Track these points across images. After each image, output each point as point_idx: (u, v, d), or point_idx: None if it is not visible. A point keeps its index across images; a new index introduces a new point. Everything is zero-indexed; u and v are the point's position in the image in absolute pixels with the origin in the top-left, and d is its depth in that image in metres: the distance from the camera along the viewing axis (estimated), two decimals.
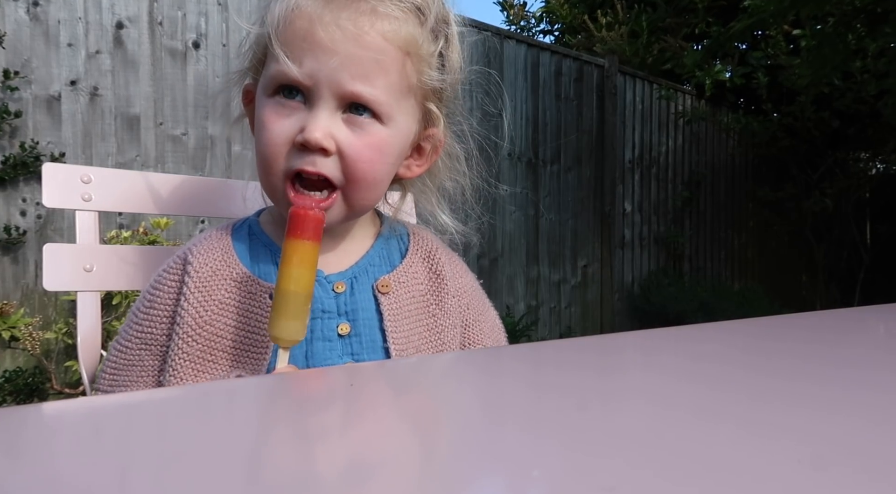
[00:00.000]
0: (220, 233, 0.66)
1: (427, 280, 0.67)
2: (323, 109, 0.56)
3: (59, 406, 0.29)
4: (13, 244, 2.18)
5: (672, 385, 0.28)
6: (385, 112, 0.58)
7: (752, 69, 4.59)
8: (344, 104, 0.57)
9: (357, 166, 0.57)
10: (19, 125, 2.20)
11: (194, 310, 0.60)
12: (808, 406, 0.24)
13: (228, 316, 0.60)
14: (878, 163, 5.72)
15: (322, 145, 0.56)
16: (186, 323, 0.60)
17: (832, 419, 0.22)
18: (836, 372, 0.30)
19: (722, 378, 0.29)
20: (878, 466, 0.18)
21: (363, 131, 0.58)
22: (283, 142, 0.58)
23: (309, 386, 0.33)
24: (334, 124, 0.57)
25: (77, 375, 2.16)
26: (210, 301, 0.61)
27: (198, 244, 0.65)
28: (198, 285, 0.61)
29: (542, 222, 3.81)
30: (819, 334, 0.42)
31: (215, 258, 0.63)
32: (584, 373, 0.32)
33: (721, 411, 0.23)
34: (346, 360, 0.61)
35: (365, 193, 0.60)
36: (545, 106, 3.85)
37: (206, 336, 0.60)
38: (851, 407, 0.24)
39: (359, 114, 0.57)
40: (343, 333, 0.61)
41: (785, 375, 0.29)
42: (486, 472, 0.18)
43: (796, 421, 0.22)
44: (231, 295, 0.61)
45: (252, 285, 0.61)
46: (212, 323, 0.60)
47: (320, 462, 0.20)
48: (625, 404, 0.26)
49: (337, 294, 0.62)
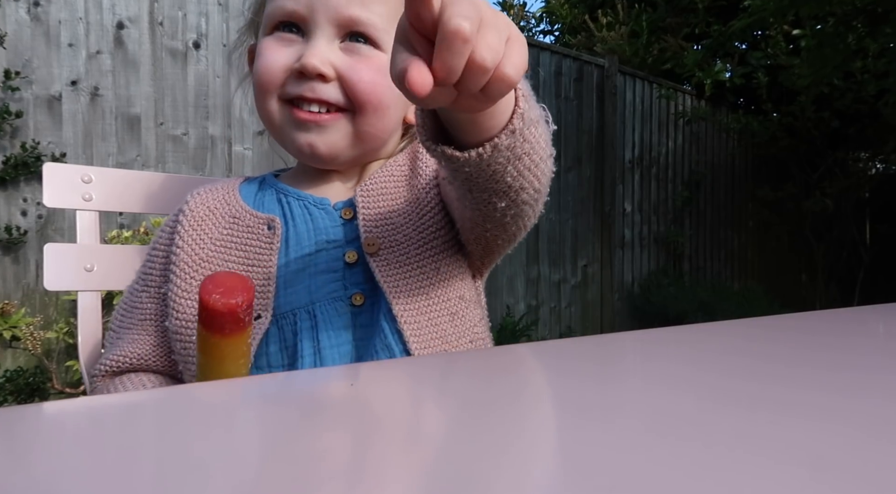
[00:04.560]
0: (232, 179, 0.66)
1: (408, 161, 0.64)
2: (320, 38, 0.56)
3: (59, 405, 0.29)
4: (14, 244, 2.18)
5: (672, 384, 0.28)
6: (384, 38, 0.56)
7: (752, 69, 4.59)
8: (342, 33, 0.56)
9: (358, 87, 0.56)
10: (20, 125, 2.20)
11: (189, 248, 0.59)
12: (808, 406, 0.24)
13: (228, 253, 0.59)
14: (878, 163, 5.72)
15: (320, 71, 0.55)
16: (182, 261, 0.58)
17: (832, 419, 0.22)
18: (836, 373, 0.30)
19: (722, 378, 0.29)
20: (879, 466, 0.18)
21: (361, 56, 0.57)
22: (280, 69, 0.57)
23: (315, 386, 0.33)
24: (332, 52, 0.56)
25: (78, 375, 2.16)
26: (205, 238, 0.59)
27: (202, 186, 0.64)
28: (192, 223, 0.60)
29: (542, 222, 3.81)
30: (819, 334, 0.42)
31: (215, 198, 0.62)
32: (583, 373, 0.32)
33: (721, 411, 0.23)
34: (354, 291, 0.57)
35: (372, 119, 0.58)
36: (545, 106, 3.85)
37: (205, 272, 0.58)
38: (852, 407, 0.24)
39: (357, 42, 0.56)
40: (351, 261, 0.58)
41: (785, 375, 0.29)
42: (486, 472, 0.18)
43: (797, 422, 0.22)
44: (228, 232, 0.60)
45: (249, 219, 0.60)
46: (209, 260, 0.59)
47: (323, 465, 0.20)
48: (624, 404, 0.26)
49: (345, 220, 0.60)
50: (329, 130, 0.58)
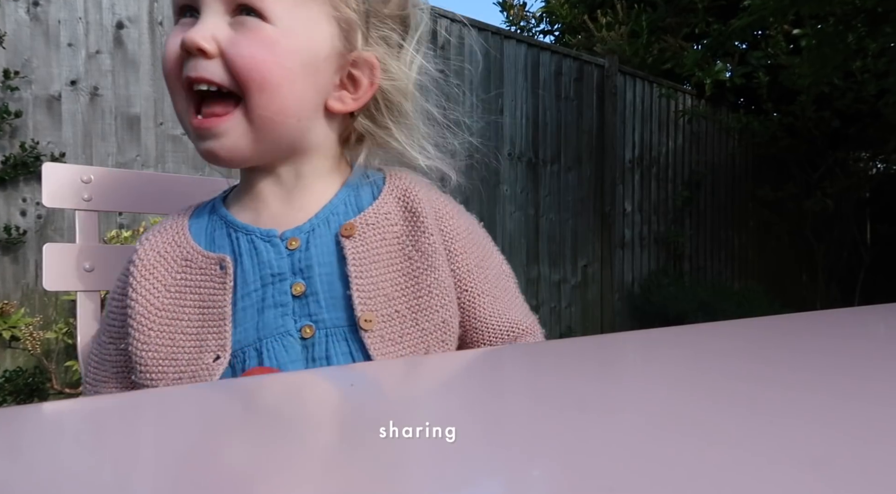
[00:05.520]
0: (179, 214, 0.63)
1: (402, 220, 0.60)
2: (208, 15, 0.54)
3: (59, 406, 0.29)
4: (13, 244, 2.18)
5: (672, 384, 0.28)
6: (272, 9, 0.54)
7: (752, 69, 4.59)
8: (230, 8, 0.54)
9: (237, 62, 0.53)
10: (19, 125, 2.20)
11: (143, 298, 0.57)
12: (808, 406, 0.24)
13: (183, 298, 0.57)
14: (879, 163, 5.72)
15: (199, 45, 0.52)
16: (138, 313, 0.56)
17: (832, 419, 0.22)
18: (836, 373, 0.30)
19: (722, 378, 0.29)
20: (879, 467, 0.18)
21: (246, 29, 0.54)
22: (173, 54, 0.55)
23: (314, 385, 0.33)
24: (218, 27, 0.54)
25: (77, 375, 2.16)
26: (158, 286, 0.57)
27: (150, 230, 0.62)
28: (143, 273, 0.58)
29: (542, 222, 3.81)
30: (819, 334, 0.42)
31: (164, 241, 0.60)
32: (583, 373, 0.32)
33: (721, 411, 0.23)
34: (304, 323, 0.56)
35: (261, 99, 0.54)
36: (545, 106, 3.85)
37: (162, 322, 0.56)
38: (852, 407, 0.24)
39: (247, 15, 0.54)
40: (297, 293, 0.56)
41: (785, 375, 0.29)
42: (486, 472, 0.18)
43: (797, 422, 0.22)
44: (182, 276, 0.58)
45: (201, 260, 0.58)
46: (164, 308, 0.57)
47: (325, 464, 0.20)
48: (625, 404, 0.26)
49: (290, 251, 0.57)
50: (225, 136, 0.55)
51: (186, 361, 0.55)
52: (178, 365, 0.55)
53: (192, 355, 0.55)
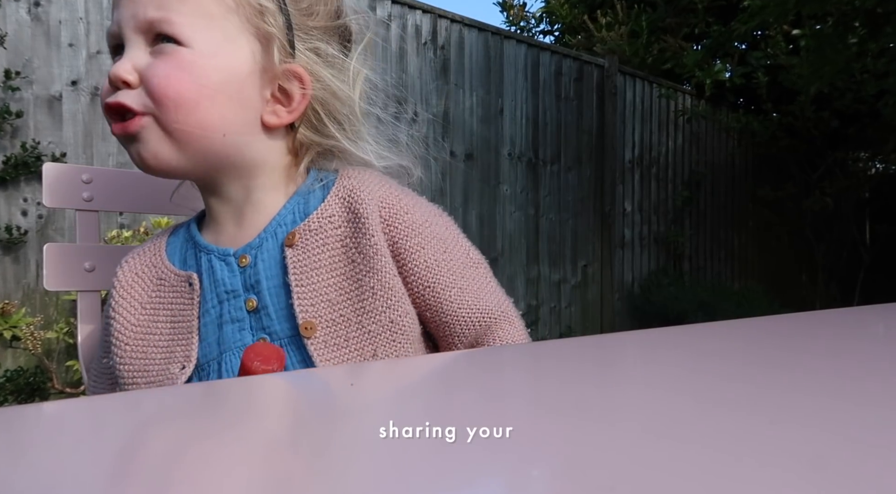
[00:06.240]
0: (161, 233, 0.67)
1: (345, 222, 0.60)
2: (130, 50, 0.56)
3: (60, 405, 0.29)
4: (14, 244, 2.18)
5: (672, 384, 0.28)
6: (186, 33, 0.55)
7: (752, 69, 4.59)
8: (149, 38, 0.56)
9: (152, 83, 0.55)
10: (20, 125, 2.20)
11: (121, 316, 0.61)
12: (807, 406, 0.24)
13: (157, 314, 0.61)
14: (878, 163, 5.72)
15: (122, 78, 0.55)
16: (117, 331, 0.60)
17: (832, 420, 0.22)
18: (836, 373, 0.30)
19: (722, 378, 0.29)
20: (879, 467, 0.18)
21: (164, 54, 0.56)
22: (105, 91, 0.57)
23: (314, 384, 0.33)
24: (138, 58, 0.56)
25: (78, 375, 2.16)
26: (135, 304, 0.61)
27: (132, 252, 0.66)
28: (121, 293, 0.62)
29: (542, 222, 3.81)
30: (819, 334, 0.42)
31: (142, 262, 0.63)
32: (583, 373, 0.32)
33: (721, 411, 0.23)
34: (260, 336, 0.58)
35: (175, 114, 0.55)
36: (545, 106, 3.85)
37: (137, 337, 0.60)
38: (851, 407, 0.24)
39: (165, 43, 0.56)
40: (251, 308, 0.59)
41: (785, 375, 0.29)
42: (486, 472, 0.18)
43: (796, 422, 0.22)
44: (156, 294, 0.61)
45: (173, 278, 0.61)
46: (140, 324, 0.60)
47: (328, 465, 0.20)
48: (624, 404, 0.26)
49: (242, 268, 0.60)
50: (143, 141, 0.56)
51: (156, 372, 0.59)
52: (149, 376, 0.59)
53: (161, 366, 0.59)
